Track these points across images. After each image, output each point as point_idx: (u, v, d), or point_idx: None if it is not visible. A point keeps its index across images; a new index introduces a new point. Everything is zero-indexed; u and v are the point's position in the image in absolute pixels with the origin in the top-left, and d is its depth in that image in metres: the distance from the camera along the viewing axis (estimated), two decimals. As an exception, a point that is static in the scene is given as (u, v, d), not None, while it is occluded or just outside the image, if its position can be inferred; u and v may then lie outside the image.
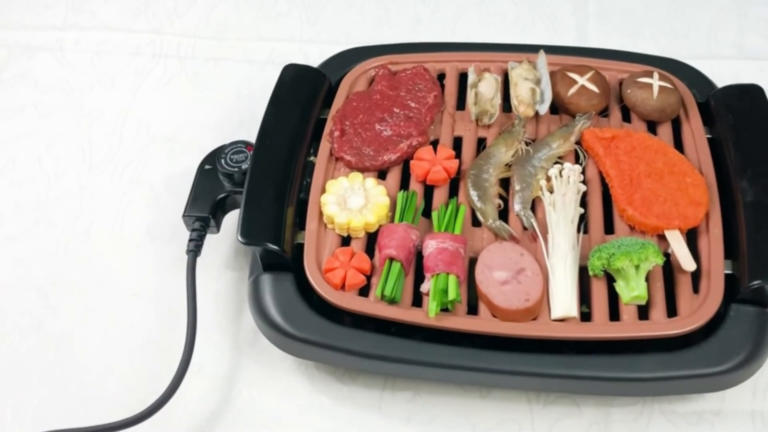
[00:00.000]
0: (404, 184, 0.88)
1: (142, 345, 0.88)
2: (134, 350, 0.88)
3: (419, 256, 0.81)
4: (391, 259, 0.79)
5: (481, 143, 0.91)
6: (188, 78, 1.13)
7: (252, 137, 0.91)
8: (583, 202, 0.84)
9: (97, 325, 0.90)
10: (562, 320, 0.77)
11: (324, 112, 0.94)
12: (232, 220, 0.91)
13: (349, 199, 0.84)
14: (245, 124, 1.08)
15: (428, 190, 0.87)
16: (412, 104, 0.93)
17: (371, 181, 0.86)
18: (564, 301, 0.77)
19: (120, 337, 0.89)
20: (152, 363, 0.87)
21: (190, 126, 1.08)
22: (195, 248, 0.86)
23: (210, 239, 0.90)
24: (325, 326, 0.78)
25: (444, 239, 0.80)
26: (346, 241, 0.84)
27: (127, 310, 0.91)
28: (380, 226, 0.83)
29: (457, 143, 0.91)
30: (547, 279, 0.78)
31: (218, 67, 1.14)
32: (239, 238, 0.81)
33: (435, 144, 0.90)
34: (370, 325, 0.79)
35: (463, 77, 0.97)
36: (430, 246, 0.80)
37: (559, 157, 0.88)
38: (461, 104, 0.94)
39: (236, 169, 0.89)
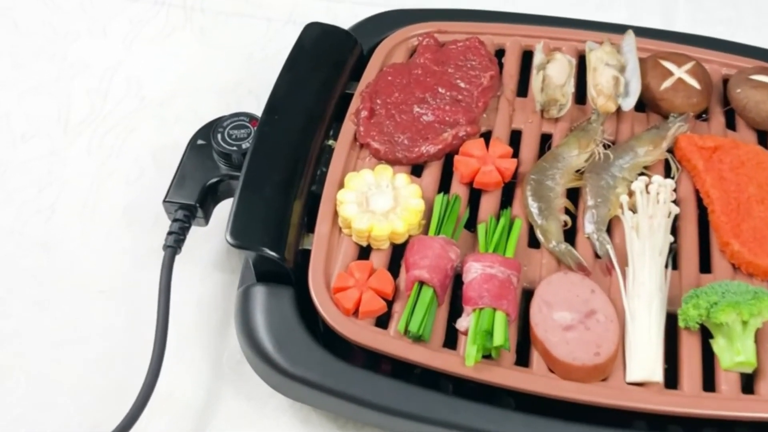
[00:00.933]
0: (444, 185, 0.69)
1: (103, 356, 0.71)
2: (91, 362, 0.70)
3: (457, 280, 0.63)
4: (422, 283, 0.61)
5: (545, 141, 0.72)
6: (193, 33, 0.95)
7: (261, 110, 0.73)
8: (673, 229, 0.65)
9: (50, 326, 0.72)
10: (640, 385, 0.58)
11: (351, 85, 0.76)
12: (225, 210, 0.73)
13: (373, 199, 0.66)
14: (255, 94, 0.89)
15: (474, 196, 0.69)
16: (462, 84, 0.74)
17: (403, 178, 0.67)
18: (645, 360, 0.58)
19: (76, 344, 0.71)
20: (112, 380, 0.69)
21: (189, 90, 0.90)
22: (174, 243, 0.69)
23: (197, 233, 0.72)
24: (328, 363, 0.60)
25: (492, 263, 0.61)
26: (364, 252, 0.66)
27: (88, 310, 0.73)
28: (410, 237, 0.65)
29: (515, 138, 0.72)
30: (623, 327, 0.60)
31: (229, 23, 0.96)
32: (228, 237, 0.63)
33: (486, 137, 0.71)
34: (386, 367, 0.61)
35: (527, 56, 0.78)
36: (474, 270, 0.61)
37: (645, 168, 0.69)
38: (522, 90, 0.76)
39: (235, 148, 0.71)
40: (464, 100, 0.73)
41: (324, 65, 0.75)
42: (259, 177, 0.66)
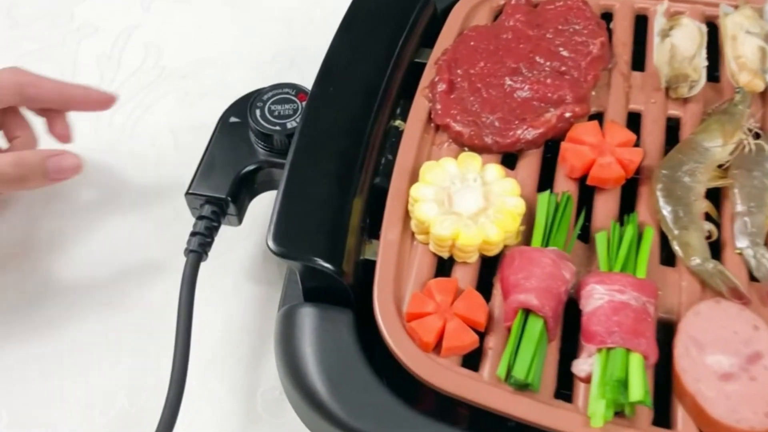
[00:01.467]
0: (546, 179, 0.54)
1: (105, 389, 0.56)
2: (90, 396, 0.56)
3: (570, 305, 0.48)
4: (528, 312, 0.46)
5: (672, 127, 0.56)
6: (224, -8, 0.81)
7: (304, 82, 0.58)
8: None
9: (41, 344, 0.58)
10: (830, 460, 0.43)
11: (422, 53, 0.61)
12: (262, 206, 0.59)
13: (457, 197, 0.50)
14: (297, 66, 0.75)
15: (585, 195, 0.53)
16: (565, 53, 0.58)
17: (495, 170, 0.52)
18: (839, 427, 0.42)
19: (69, 372, 0.57)
20: (118, 417, 0.55)
21: (218, 60, 0.76)
22: (199, 247, 0.54)
23: (226, 234, 0.58)
24: (397, 412, 0.45)
25: (623, 286, 0.46)
26: (444, 265, 0.50)
27: (90, 325, 0.59)
28: (505, 248, 0.50)
29: (633, 121, 0.56)
30: (802, 378, 0.44)
31: (268, -18, 0.82)
32: (270, 243, 0.48)
33: (597, 120, 0.56)
34: (480, 423, 0.45)
35: (641, 21, 0.62)
36: (598, 295, 0.46)
37: (808, 163, 0.53)
38: (636, 63, 0.60)
39: (278, 128, 0.56)
40: (569, 72, 0.57)
41: (389, 27, 0.60)
42: (309, 165, 0.51)
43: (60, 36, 0.77)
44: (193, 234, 0.54)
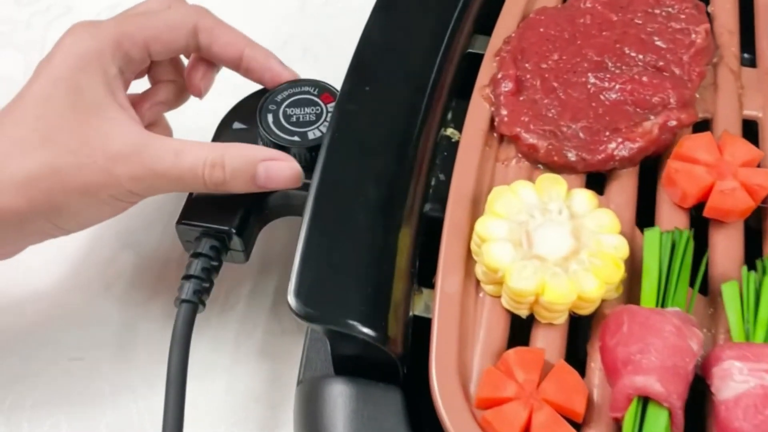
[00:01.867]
0: (646, 209, 0.42)
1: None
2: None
3: (696, 383, 0.35)
4: (645, 400, 0.34)
5: (800, 138, 0.44)
6: (223, -33, 0.68)
7: (322, 76, 0.46)
8: None
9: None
10: None
11: (476, 41, 0.48)
12: (278, 232, 0.47)
13: (538, 235, 0.38)
14: (312, 54, 0.62)
15: (699, 228, 0.41)
16: (660, 43, 0.46)
17: (586, 198, 0.39)
18: None
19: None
20: None
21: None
22: (194, 296, 0.42)
23: (230, 272, 0.45)
24: None
25: (776, 365, 0.33)
26: (522, 325, 0.38)
27: (56, 385, 0.47)
28: (602, 303, 0.38)
29: (748, 132, 0.44)
30: None
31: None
32: (293, 303, 0.35)
33: (700, 130, 0.43)
34: None
35: (746, 2, 0.50)
36: (739, 377, 0.34)
37: None
38: (747, 53, 0.48)
39: (296, 138, 0.44)
40: (668, 68, 0.45)
41: (435, 10, 0.47)
42: (341, 192, 0.39)
43: (25, 17, 0.64)
44: (186, 277, 0.42)
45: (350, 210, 0.39)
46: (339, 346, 0.37)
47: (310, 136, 0.43)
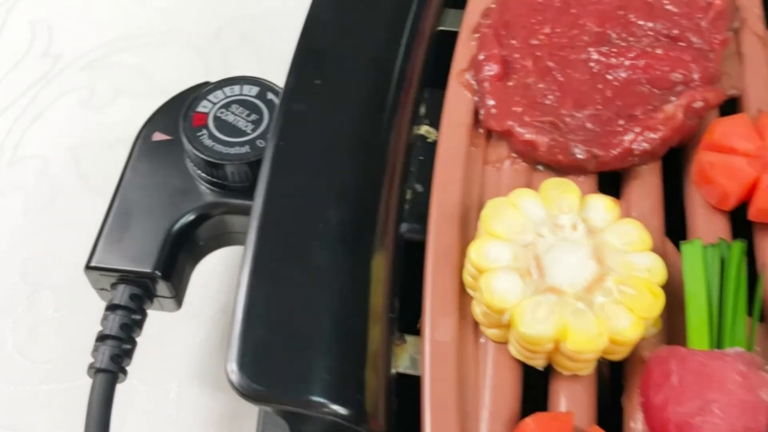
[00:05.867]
0: (673, 212, 0.33)
1: None
2: None
3: (764, 443, 0.28)
4: (714, 477, 0.25)
5: None
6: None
7: (264, 68, 0.37)
8: None
9: None
10: None
11: (449, 17, 0.40)
12: (217, 265, 0.37)
13: (549, 258, 0.29)
14: (252, 42, 0.53)
15: (742, 236, 0.33)
16: (672, 7, 0.38)
17: (604, 206, 0.31)
18: None
19: None
20: None
21: (137, 40, 0.53)
22: (111, 363, 0.32)
23: (160, 320, 0.36)
24: None
25: None
26: (535, 375, 0.30)
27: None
28: (640, 343, 0.29)
29: (783, 109, 0.36)
30: None
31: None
32: (234, 376, 0.26)
33: (729, 109, 0.35)
34: None
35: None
36: (833, 437, 0.26)
37: None
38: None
39: (232, 151, 0.34)
40: (684, 36, 0.37)
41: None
42: (293, 223, 0.30)
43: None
44: (100, 338, 0.33)
45: (304, 241, 0.30)
46: (301, 428, 0.28)
47: (249, 148, 0.34)
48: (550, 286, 0.29)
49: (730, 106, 0.37)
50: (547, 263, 0.29)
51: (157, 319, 0.38)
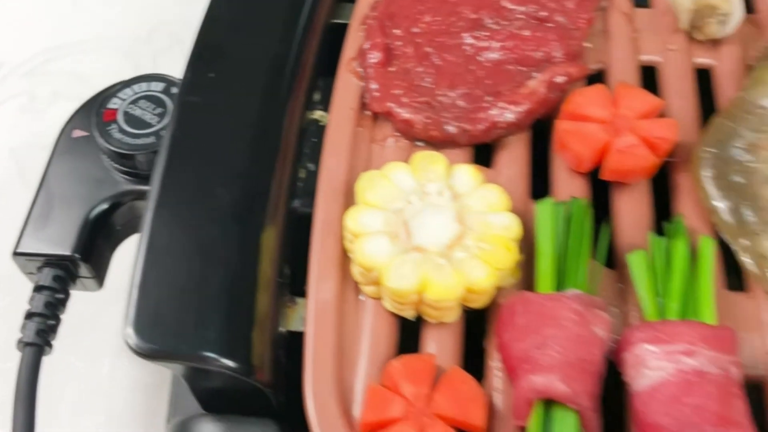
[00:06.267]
0: (540, 180, 0.37)
1: None
2: None
3: (610, 372, 0.31)
4: (550, 403, 0.29)
5: (704, 80, 0.40)
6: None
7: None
8: None
9: None
10: None
11: (342, 10, 0.43)
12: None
13: (416, 223, 0.33)
14: (183, 43, 0.56)
15: (598, 196, 0.36)
16: (542, -9, 0.41)
17: (469, 174, 0.35)
18: None
19: None
20: None
21: (74, 46, 0.57)
22: (38, 337, 0.36)
23: (86, 301, 0.39)
24: None
25: (691, 343, 0.29)
26: (410, 328, 0.33)
27: None
28: (498, 291, 0.33)
29: (647, 79, 0.40)
30: None
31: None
32: (130, 337, 0.30)
33: (595, 82, 0.39)
34: None
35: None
36: (654, 363, 0.29)
37: None
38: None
39: (141, 141, 0.38)
40: (552, 18, 0.40)
41: (290, -22, 0.42)
42: (186, 201, 0.33)
43: None
44: (28, 316, 0.36)
45: (198, 218, 0.33)
46: (198, 383, 0.32)
47: (155, 138, 0.38)
48: (415, 246, 0.32)
49: (599, 79, 0.40)
50: (414, 226, 0.33)
51: (90, 304, 0.42)
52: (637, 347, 0.30)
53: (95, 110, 0.39)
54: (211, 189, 0.34)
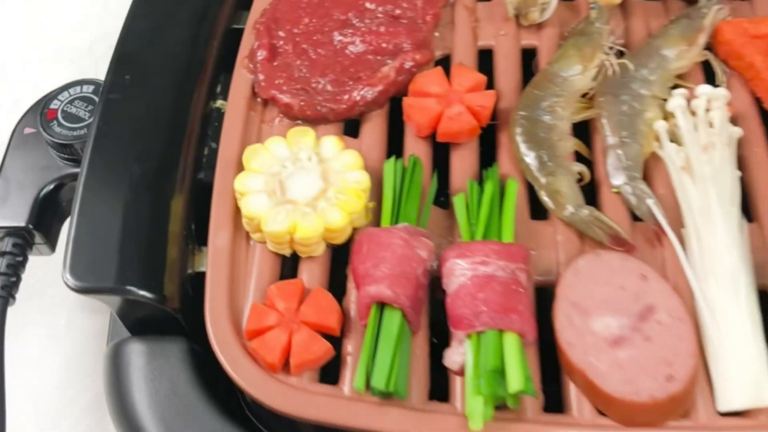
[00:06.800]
0: (395, 144, 0.47)
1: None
2: None
3: (434, 284, 0.41)
4: (383, 305, 0.39)
5: (529, 58, 0.50)
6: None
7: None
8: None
9: None
10: (741, 414, 0.37)
11: (239, 17, 0.53)
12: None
13: (290, 182, 0.43)
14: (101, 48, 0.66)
15: (441, 153, 0.46)
16: (398, -6, 0.51)
17: (332, 143, 0.44)
18: (745, 374, 0.37)
19: None
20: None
21: (23, 57, 0.66)
22: (3, 290, 0.45)
23: (43, 264, 0.49)
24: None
25: (486, 256, 0.39)
26: (290, 264, 0.43)
27: None
28: (355, 231, 0.43)
29: (485, 60, 0.50)
30: (699, 326, 0.39)
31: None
32: (67, 278, 0.40)
33: (444, 65, 0.49)
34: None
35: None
36: (459, 272, 0.39)
37: (679, 77, 0.47)
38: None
39: (75, 133, 0.47)
40: (404, 15, 0.50)
41: (194, -6, 0.52)
42: (108, 172, 0.43)
43: None
44: (-7, 275, 0.46)
45: (119, 187, 0.43)
46: (123, 311, 0.41)
47: (86, 130, 0.47)
48: (288, 199, 0.42)
49: (446, 62, 0.50)
50: (288, 185, 0.43)
51: (52, 269, 0.51)
52: (449, 262, 0.40)
53: (40, 110, 0.48)
54: (130, 165, 0.43)
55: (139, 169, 0.43)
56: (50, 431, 0.48)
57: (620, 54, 0.47)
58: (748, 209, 0.43)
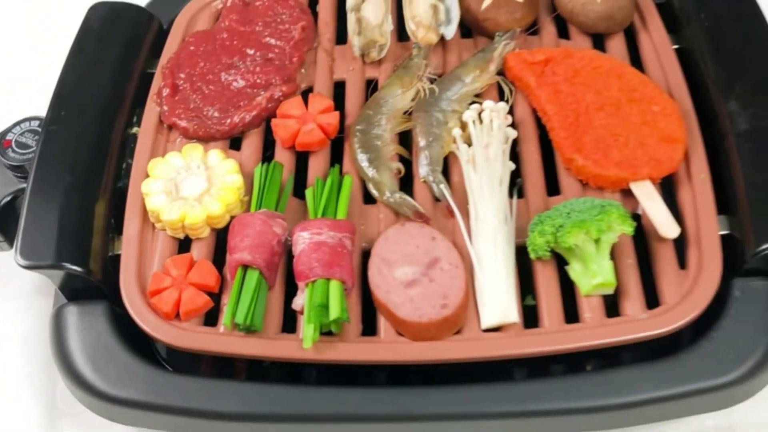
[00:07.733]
0: (269, 154, 0.63)
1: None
2: None
3: (290, 256, 0.57)
4: (245, 267, 0.54)
5: (371, 87, 0.66)
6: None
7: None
8: (514, 155, 0.60)
9: None
10: (497, 330, 0.53)
11: (153, 64, 0.68)
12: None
13: (183, 184, 0.58)
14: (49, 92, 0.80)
15: (301, 159, 0.62)
16: (273, 41, 0.67)
17: (216, 155, 0.60)
18: (498, 302, 0.53)
19: None
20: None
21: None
22: (-28, 277, 0.60)
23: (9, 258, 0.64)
24: (152, 377, 0.53)
25: (320, 228, 0.55)
26: (185, 246, 0.58)
27: None
28: (232, 218, 0.58)
29: (339, 90, 0.66)
30: (471, 271, 0.55)
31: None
32: (19, 258, 0.55)
33: (308, 94, 0.64)
34: (223, 369, 0.54)
35: (342, 1, 0.71)
36: (302, 241, 0.55)
37: (477, 96, 0.63)
38: (341, 36, 0.69)
39: (26, 157, 0.63)
40: (276, 58, 0.66)
41: (116, 46, 0.67)
42: (49, 182, 0.58)
43: None
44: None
45: (57, 193, 0.58)
46: (63, 283, 0.56)
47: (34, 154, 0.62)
48: (181, 197, 0.58)
49: (308, 93, 0.66)
50: (181, 187, 0.58)
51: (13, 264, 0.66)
52: (296, 234, 0.55)
53: (-1, 141, 0.63)
54: (64, 176, 0.59)
55: (71, 179, 0.59)
56: (10, 389, 0.62)
57: (432, 81, 0.63)
58: (521, 189, 0.59)
